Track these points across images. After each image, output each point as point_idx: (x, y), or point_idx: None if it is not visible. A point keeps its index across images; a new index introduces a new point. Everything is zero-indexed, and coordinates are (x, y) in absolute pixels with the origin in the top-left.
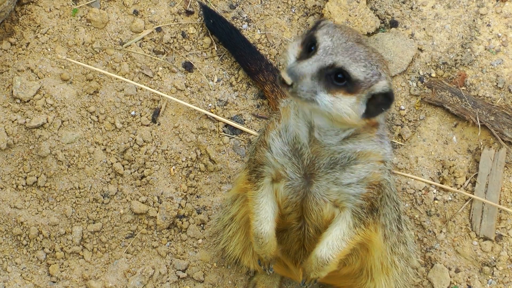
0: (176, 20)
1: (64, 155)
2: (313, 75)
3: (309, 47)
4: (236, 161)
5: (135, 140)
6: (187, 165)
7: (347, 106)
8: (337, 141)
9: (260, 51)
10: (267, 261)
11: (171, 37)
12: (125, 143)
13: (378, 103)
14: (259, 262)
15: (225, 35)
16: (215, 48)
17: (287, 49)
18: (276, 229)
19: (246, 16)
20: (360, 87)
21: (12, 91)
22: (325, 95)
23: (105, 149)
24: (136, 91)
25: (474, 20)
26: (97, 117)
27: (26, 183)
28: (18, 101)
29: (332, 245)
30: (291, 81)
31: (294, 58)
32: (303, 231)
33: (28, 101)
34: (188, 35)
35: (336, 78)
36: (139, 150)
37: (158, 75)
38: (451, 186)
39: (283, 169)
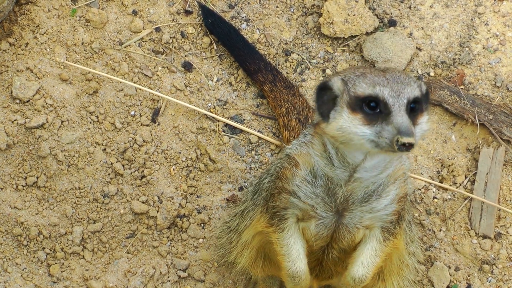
0: (175, 20)
1: (64, 155)
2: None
3: (367, 105)
4: (236, 161)
5: (135, 140)
6: (187, 165)
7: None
8: (378, 171)
9: (259, 50)
10: None
11: (170, 37)
12: (125, 143)
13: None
14: None
15: (224, 34)
16: (214, 48)
17: (347, 127)
18: None
19: (245, 16)
20: (423, 103)
21: (11, 92)
22: (415, 128)
23: (105, 149)
24: (136, 91)
25: (472, 19)
26: (97, 117)
27: (26, 184)
28: (17, 101)
29: (367, 264)
30: (414, 140)
31: (363, 125)
32: (326, 253)
33: (27, 101)
34: (187, 35)
35: (410, 109)
36: (139, 150)
37: (158, 75)
38: (450, 185)
39: (313, 210)
